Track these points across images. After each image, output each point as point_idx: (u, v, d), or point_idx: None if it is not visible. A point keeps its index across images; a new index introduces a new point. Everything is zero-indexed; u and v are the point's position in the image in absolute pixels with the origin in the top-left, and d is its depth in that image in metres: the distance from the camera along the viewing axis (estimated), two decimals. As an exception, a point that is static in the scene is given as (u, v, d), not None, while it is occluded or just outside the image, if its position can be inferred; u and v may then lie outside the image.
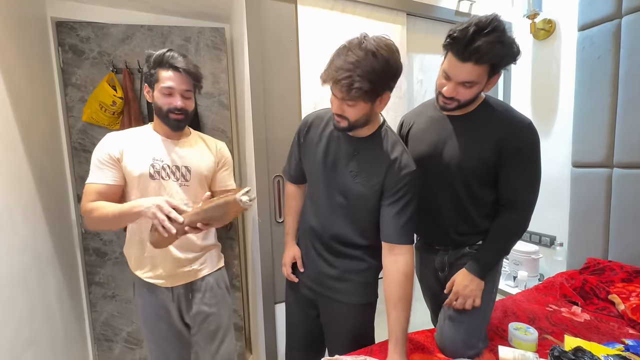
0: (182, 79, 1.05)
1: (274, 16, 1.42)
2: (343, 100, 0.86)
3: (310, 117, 1.10)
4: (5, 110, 1.14)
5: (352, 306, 1.05)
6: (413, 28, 1.77)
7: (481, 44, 0.85)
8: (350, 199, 0.99)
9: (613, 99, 1.53)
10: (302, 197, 1.20)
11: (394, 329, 0.90)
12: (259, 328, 1.62)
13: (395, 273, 0.92)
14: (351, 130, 0.94)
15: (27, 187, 1.26)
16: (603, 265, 1.50)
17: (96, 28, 1.61)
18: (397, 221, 0.93)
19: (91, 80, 1.62)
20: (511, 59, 0.91)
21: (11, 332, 1.09)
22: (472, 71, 0.89)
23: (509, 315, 1.27)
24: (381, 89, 0.85)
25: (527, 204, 1.01)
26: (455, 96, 0.95)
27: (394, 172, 0.93)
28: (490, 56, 0.87)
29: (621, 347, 1.02)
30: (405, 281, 0.91)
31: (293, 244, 1.20)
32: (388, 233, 0.95)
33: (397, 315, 0.90)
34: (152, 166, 1.07)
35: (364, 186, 0.95)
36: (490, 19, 0.86)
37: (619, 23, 1.50)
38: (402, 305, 0.90)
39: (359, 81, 0.79)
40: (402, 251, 0.93)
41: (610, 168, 1.56)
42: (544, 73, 1.91)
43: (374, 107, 0.89)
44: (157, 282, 1.12)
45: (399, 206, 0.93)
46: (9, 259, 1.11)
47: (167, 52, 1.04)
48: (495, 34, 0.85)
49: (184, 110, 1.07)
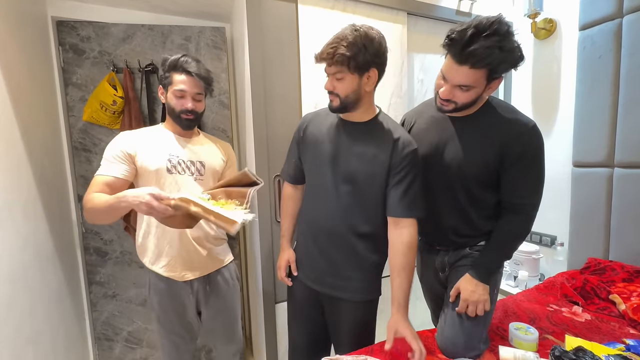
0: (194, 82, 1.11)
1: (274, 15, 1.42)
2: (332, 75, 0.95)
3: (309, 116, 1.16)
4: (6, 109, 1.14)
5: (356, 303, 1.05)
6: (414, 27, 1.77)
7: (478, 47, 0.82)
8: (357, 183, 1.00)
9: (614, 99, 1.52)
10: (299, 200, 1.21)
11: (397, 295, 0.97)
12: (260, 328, 1.62)
13: (400, 244, 0.98)
14: (344, 108, 0.99)
15: (27, 186, 1.26)
16: (604, 265, 1.50)
17: (97, 27, 1.61)
18: (402, 197, 0.98)
19: (92, 80, 1.62)
20: (510, 66, 0.87)
21: (12, 330, 1.09)
22: (468, 75, 0.87)
23: (510, 315, 1.27)
24: (365, 61, 0.91)
25: (531, 207, 0.99)
26: (452, 98, 0.94)
27: (398, 151, 0.97)
28: (487, 61, 0.83)
29: (622, 347, 1.02)
30: (408, 252, 0.97)
31: (288, 247, 1.21)
32: (394, 208, 0.99)
33: (400, 282, 0.96)
34: (169, 161, 1.12)
35: (372, 165, 0.98)
36: (492, 21, 0.82)
37: (620, 22, 1.49)
38: (405, 274, 0.96)
39: (341, 48, 0.89)
40: (406, 224, 0.98)
41: (611, 168, 1.56)
42: (544, 73, 1.91)
43: (362, 84, 0.95)
44: (173, 276, 1.15)
45: (405, 183, 0.97)
46: (9, 256, 1.11)
47: (182, 57, 1.11)
48: (495, 38, 0.82)
49: (194, 111, 1.13)
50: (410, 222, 0.99)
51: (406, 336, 0.92)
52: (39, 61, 1.45)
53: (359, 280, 1.05)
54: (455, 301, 1.04)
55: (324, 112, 1.11)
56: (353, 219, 1.02)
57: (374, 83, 0.97)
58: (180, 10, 1.75)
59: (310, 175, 1.11)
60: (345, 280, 1.05)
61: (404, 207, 0.98)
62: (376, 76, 0.96)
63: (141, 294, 1.77)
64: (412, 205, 0.98)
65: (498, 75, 0.89)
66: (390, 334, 0.94)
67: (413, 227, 0.99)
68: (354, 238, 1.03)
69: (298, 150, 1.15)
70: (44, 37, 1.53)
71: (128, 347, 1.80)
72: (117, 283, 1.74)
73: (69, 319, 1.54)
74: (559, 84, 1.84)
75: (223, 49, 1.75)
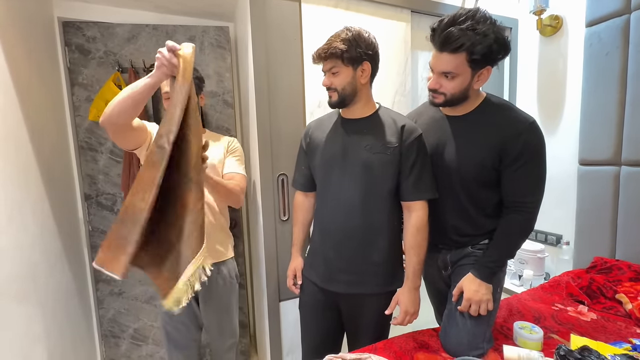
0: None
1: (277, 14, 1.42)
2: (328, 71, 1.02)
3: (312, 123, 1.22)
4: (15, 110, 1.16)
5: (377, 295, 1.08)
6: (418, 25, 1.76)
7: (452, 30, 0.86)
8: (372, 174, 1.03)
9: (621, 96, 1.50)
10: (311, 208, 1.24)
11: (407, 271, 1.06)
12: (264, 326, 1.63)
13: (409, 227, 1.04)
14: (343, 102, 1.04)
15: (36, 185, 1.27)
16: (610, 264, 1.49)
17: (102, 28, 1.62)
18: (411, 182, 1.02)
19: (97, 80, 1.64)
20: (485, 49, 0.87)
21: (22, 328, 1.11)
22: (449, 61, 0.90)
23: (514, 314, 1.27)
24: (357, 54, 0.98)
25: (532, 206, 0.98)
26: (439, 89, 0.96)
27: (405, 137, 1.02)
28: (460, 42, 0.86)
29: (628, 347, 1.01)
30: (417, 233, 1.03)
31: (297, 256, 1.25)
32: (404, 194, 1.05)
33: (409, 259, 1.05)
34: None
35: (385, 154, 1.02)
36: (468, 10, 0.88)
37: (628, 18, 1.47)
38: (414, 252, 1.03)
39: (335, 43, 0.98)
40: (415, 207, 1.04)
41: (618, 166, 1.54)
42: (550, 70, 1.89)
43: (357, 76, 1.01)
44: None
45: (415, 168, 1.02)
46: (19, 255, 1.13)
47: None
48: (468, 22, 0.86)
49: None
50: (420, 205, 1.03)
51: (401, 303, 1.04)
52: (46, 62, 1.47)
53: (378, 274, 1.07)
54: (458, 300, 1.04)
55: (326, 117, 1.17)
56: (368, 211, 1.04)
57: (368, 76, 1.03)
58: (184, 10, 1.75)
59: (321, 177, 1.12)
60: (363, 275, 1.07)
61: (412, 191, 1.03)
62: (370, 69, 1.02)
63: (147, 292, 1.78)
64: (420, 188, 1.03)
65: (479, 60, 0.89)
66: (393, 303, 1.06)
67: (422, 209, 1.03)
68: (370, 231, 1.05)
69: (306, 158, 1.18)
70: (51, 38, 1.54)
71: (134, 344, 1.82)
72: (123, 281, 1.76)
73: (76, 316, 1.56)
74: (565, 82, 1.82)
75: (227, 48, 1.75)
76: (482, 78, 0.94)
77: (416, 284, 1.05)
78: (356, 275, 1.07)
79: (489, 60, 0.91)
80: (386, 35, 1.62)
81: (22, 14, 1.27)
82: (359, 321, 1.11)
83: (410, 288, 1.04)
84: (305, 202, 1.24)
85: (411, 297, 1.04)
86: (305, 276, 1.19)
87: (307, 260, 1.21)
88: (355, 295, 1.08)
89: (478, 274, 1.00)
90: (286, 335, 1.55)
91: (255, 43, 1.38)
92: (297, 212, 1.26)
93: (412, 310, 1.04)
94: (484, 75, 0.94)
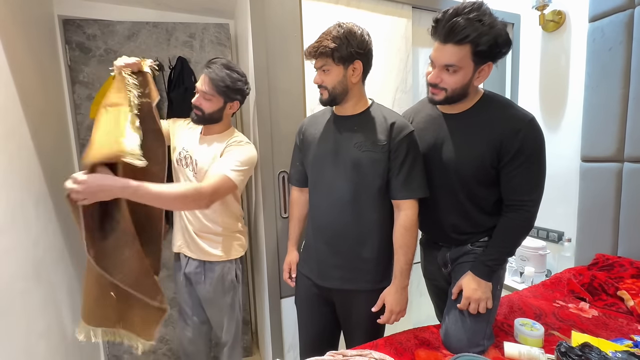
0: (204, 81, 1.23)
1: (278, 11, 1.41)
2: (319, 69, 1.01)
3: (306, 120, 1.23)
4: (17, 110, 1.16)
5: (369, 292, 1.08)
6: (419, 22, 1.75)
7: (459, 20, 0.85)
8: (361, 171, 1.02)
9: (624, 92, 1.49)
10: (306, 203, 1.23)
11: (395, 270, 1.05)
12: (265, 322, 1.64)
13: (398, 226, 1.04)
14: (333, 100, 1.03)
15: (38, 184, 1.28)
16: (612, 261, 1.49)
17: (102, 25, 1.62)
18: (401, 180, 1.02)
19: (98, 78, 1.64)
20: (492, 40, 0.86)
21: (26, 324, 1.12)
22: (453, 52, 0.88)
23: (515, 311, 1.27)
24: (348, 53, 0.96)
25: (532, 204, 0.97)
26: (440, 83, 0.93)
27: (395, 135, 1.01)
28: (467, 33, 0.84)
29: (630, 344, 1.01)
30: (405, 233, 1.03)
31: (292, 250, 1.27)
32: (394, 192, 1.04)
33: (397, 258, 1.04)
34: (179, 154, 1.31)
35: (374, 151, 1.01)
36: (473, 2, 0.87)
37: (632, 13, 1.46)
38: (402, 251, 1.03)
39: (325, 42, 0.96)
40: (404, 207, 1.03)
41: (620, 162, 1.53)
42: (553, 66, 1.87)
43: (348, 75, 1.00)
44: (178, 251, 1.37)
45: (404, 166, 1.01)
46: (22, 253, 1.13)
47: (213, 59, 1.26)
48: (474, 13, 0.85)
49: (199, 107, 1.25)
50: (409, 204, 1.02)
51: (386, 302, 1.04)
52: (47, 60, 1.47)
53: (370, 270, 1.07)
54: (457, 298, 1.04)
55: (320, 114, 1.17)
56: (359, 208, 1.04)
57: (360, 75, 1.01)
58: (184, 7, 1.75)
59: (314, 174, 1.12)
60: (355, 272, 1.07)
61: (401, 190, 1.02)
62: (361, 68, 1.00)
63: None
64: (410, 186, 1.02)
65: (484, 52, 0.87)
66: (380, 301, 1.05)
67: (410, 209, 1.02)
68: (361, 228, 1.05)
69: (300, 154, 1.19)
70: (51, 36, 1.54)
71: (137, 341, 1.83)
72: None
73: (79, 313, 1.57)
74: (568, 78, 1.81)
75: (227, 46, 1.75)
76: (483, 74, 0.93)
77: (403, 283, 1.04)
78: (348, 271, 1.07)
79: (492, 55, 0.89)
80: (387, 32, 1.61)
81: (22, 12, 1.27)
82: (352, 317, 1.11)
83: (398, 287, 1.03)
84: (301, 198, 1.24)
85: (397, 297, 1.03)
86: (300, 271, 1.20)
87: (302, 256, 1.22)
88: (348, 291, 1.08)
89: (477, 272, 1.00)
90: (287, 332, 1.56)
91: (256, 40, 1.38)
92: (293, 208, 1.27)
93: (398, 310, 1.03)
94: (484, 72, 0.92)
